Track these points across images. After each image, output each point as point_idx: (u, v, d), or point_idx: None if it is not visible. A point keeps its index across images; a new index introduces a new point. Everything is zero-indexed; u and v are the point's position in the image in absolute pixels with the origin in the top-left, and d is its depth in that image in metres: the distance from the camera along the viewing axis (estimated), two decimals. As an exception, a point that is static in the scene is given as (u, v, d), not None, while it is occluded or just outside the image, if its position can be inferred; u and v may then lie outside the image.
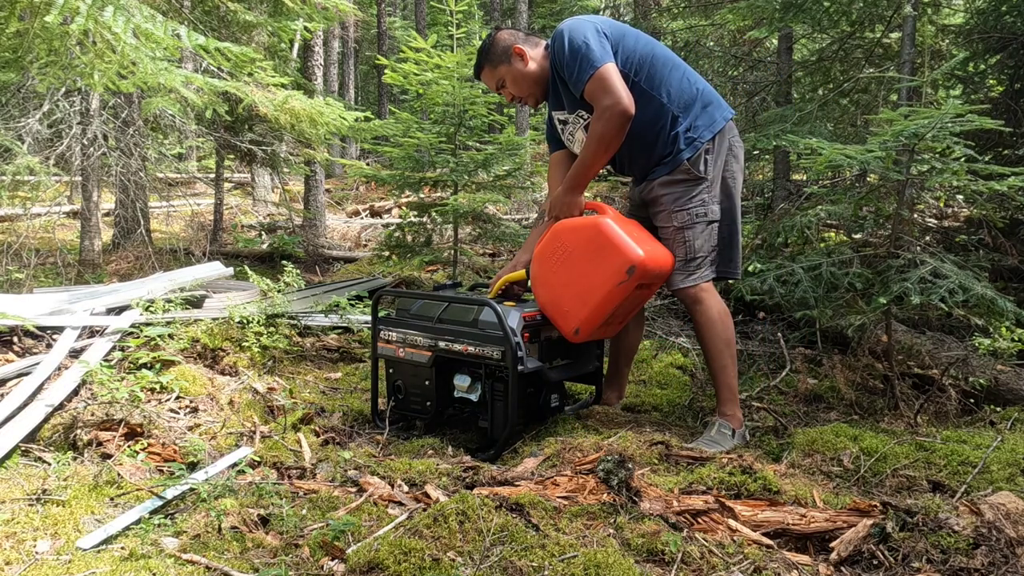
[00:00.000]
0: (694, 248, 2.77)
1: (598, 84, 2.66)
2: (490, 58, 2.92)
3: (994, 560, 1.76)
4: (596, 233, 2.70)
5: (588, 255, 2.71)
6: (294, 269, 4.28)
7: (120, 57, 3.14)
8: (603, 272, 2.67)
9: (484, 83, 3.04)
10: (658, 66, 2.78)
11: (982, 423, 2.93)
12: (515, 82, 2.92)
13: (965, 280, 2.87)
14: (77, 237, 6.69)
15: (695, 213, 2.77)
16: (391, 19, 20.91)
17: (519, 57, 2.89)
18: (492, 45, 2.92)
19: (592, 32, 2.72)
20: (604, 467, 2.18)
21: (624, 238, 2.66)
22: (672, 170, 2.78)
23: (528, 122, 10.96)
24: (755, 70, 7.13)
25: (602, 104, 2.67)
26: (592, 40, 2.69)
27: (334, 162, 10.18)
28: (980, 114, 2.79)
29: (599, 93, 2.67)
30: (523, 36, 2.94)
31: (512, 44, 2.89)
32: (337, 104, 5.59)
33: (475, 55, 3.01)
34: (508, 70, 2.90)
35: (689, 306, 2.84)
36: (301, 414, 3.07)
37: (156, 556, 1.94)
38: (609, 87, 2.65)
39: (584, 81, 2.68)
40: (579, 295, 2.72)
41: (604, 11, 14.85)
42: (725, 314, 2.80)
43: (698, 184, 2.77)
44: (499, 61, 2.91)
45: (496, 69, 2.92)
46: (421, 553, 1.82)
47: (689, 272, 2.78)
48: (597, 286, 2.68)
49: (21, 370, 3.22)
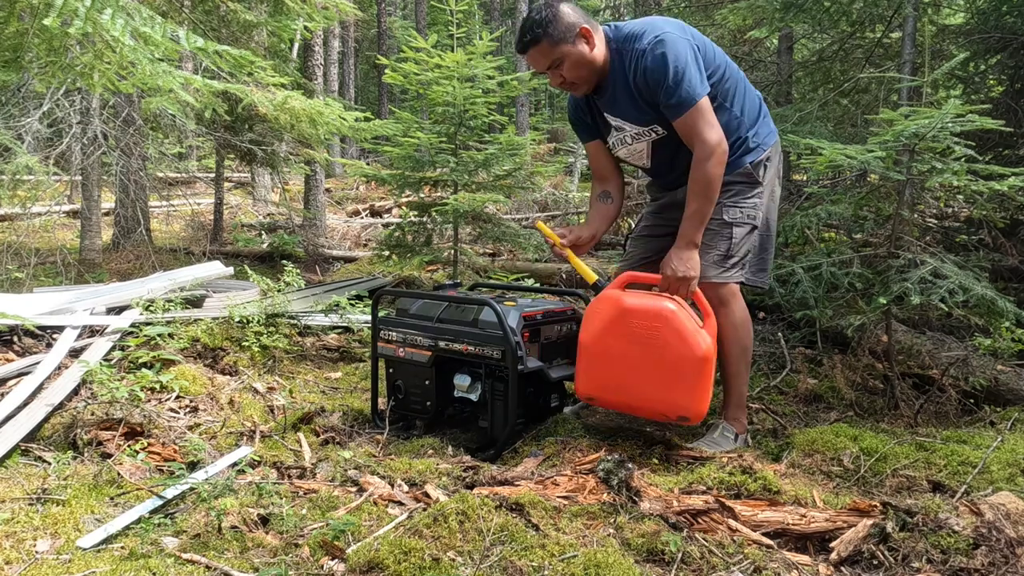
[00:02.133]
0: (737, 246, 2.71)
1: (699, 118, 2.53)
2: (551, 33, 2.58)
3: (994, 560, 1.76)
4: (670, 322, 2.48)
5: (664, 346, 2.46)
6: (294, 269, 4.28)
7: (119, 58, 3.14)
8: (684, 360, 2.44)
9: (530, 60, 2.69)
10: (732, 77, 2.69)
11: (982, 423, 2.93)
12: (575, 65, 2.62)
13: (965, 280, 2.87)
14: (77, 236, 6.69)
15: (747, 214, 2.72)
16: (391, 19, 20.92)
17: (585, 39, 2.60)
18: (555, 19, 2.58)
19: (691, 54, 2.54)
20: (604, 467, 2.18)
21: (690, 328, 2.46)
22: (734, 171, 2.70)
23: (528, 122, 10.97)
24: (755, 70, 7.12)
25: (707, 142, 2.53)
26: (692, 64, 2.52)
27: (334, 162, 10.19)
28: (980, 114, 2.79)
29: (701, 128, 2.53)
30: (586, 16, 2.66)
31: (579, 23, 2.59)
32: (337, 104, 5.59)
33: (523, 25, 2.66)
34: (571, 50, 2.60)
35: (715, 307, 2.71)
36: (301, 414, 3.07)
37: (156, 555, 1.94)
38: (711, 122, 2.54)
39: (684, 110, 2.53)
40: (665, 381, 2.46)
41: (604, 11, 14.84)
42: (747, 321, 2.75)
43: (754, 187, 2.73)
44: (562, 38, 2.58)
45: (557, 47, 2.59)
46: (421, 553, 1.82)
47: (724, 268, 2.70)
48: (688, 372, 2.44)
49: (21, 370, 3.22)
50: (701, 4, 7.02)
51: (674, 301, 2.50)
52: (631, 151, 2.82)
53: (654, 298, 2.54)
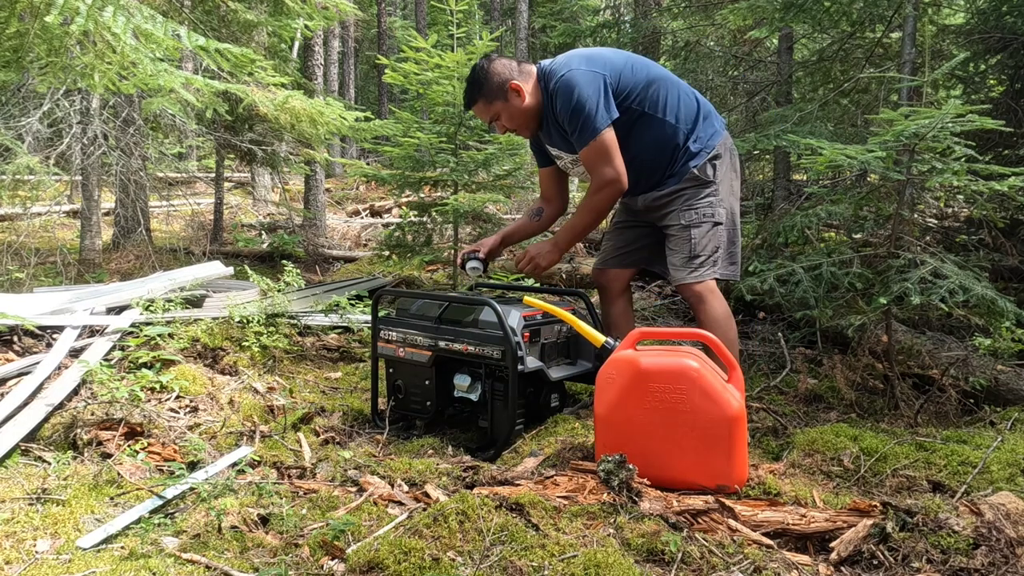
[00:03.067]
0: (699, 246, 2.80)
1: (597, 153, 2.70)
2: (484, 93, 2.83)
3: (994, 560, 1.76)
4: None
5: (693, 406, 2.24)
6: (294, 269, 4.28)
7: (120, 58, 3.14)
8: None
9: (476, 115, 2.96)
10: (660, 89, 2.79)
11: (982, 423, 2.92)
12: (511, 118, 2.86)
13: (965, 280, 2.87)
14: (77, 236, 6.69)
15: (702, 213, 2.81)
16: (391, 19, 20.92)
17: (516, 93, 2.81)
18: (487, 79, 2.81)
19: (599, 86, 2.68)
20: (604, 467, 2.18)
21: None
22: (681, 179, 2.82)
23: (528, 122, 10.95)
24: (755, 70, 7.12)
25: (602, 177, 2.72)
26: (595, 98, 2.66)
27: (334, 162, 10.19)
28: (981, 114, 2.79)
29: (598, 163, 2.71)
30: (516, 67, 2.84)
31: (508, 79, 2.80)
32: (337, 104, 5.59)
33: (466, 86, 2.89)
34: (504, 106, 2.83)
35: (693, 304, 2.85)
36: (301, 414, 3.07)
37: (156, 555, 1.94)
38: (608, 158, 2.70)
39: (584, 144, 2.71)
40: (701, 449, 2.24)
41: (604, 11, 14.83)
42: (729, 315, 2.81)
43: (706, 187, 2.82)
44: (494, 96, 2.82)
45: (491, 104, 2.84)
46: (421, 553, 1.82)
47: (692, 268, 2.81)
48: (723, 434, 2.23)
49: (21, 369, 3.22)
50: (701, 4, 7.02)
51: (695, 357, 2.30)
52: (577, 173, 2.97)
53: (672, 355, 2.32)
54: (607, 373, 2.35)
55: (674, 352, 2.37)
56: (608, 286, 3.12)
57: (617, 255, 3.11)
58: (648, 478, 2.20)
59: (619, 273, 3.10)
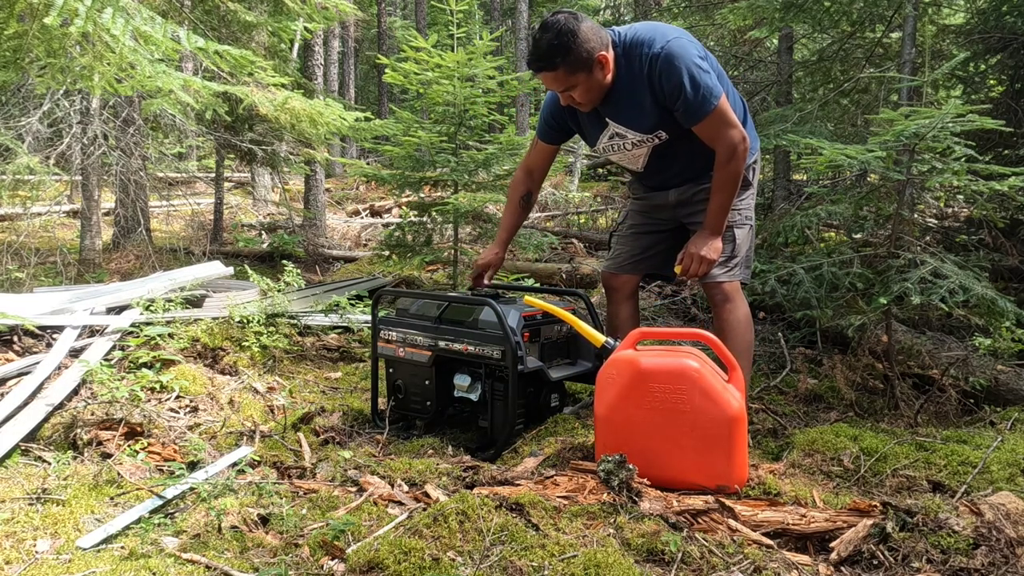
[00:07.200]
0: (739, 246, 2.78)
1: (721, 119, 2.51)
2: (569, 61, 2.44)
3: (994, 560, 1.76)
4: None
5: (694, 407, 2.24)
6: (294, 269, 4.28)
7: (119, 59, 3.14)
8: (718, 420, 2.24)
9: (543, 81, 2.56)
10: (723, 81, 2.65)
11: (982, 423, 2.93)
12: (587, 92, 2.54)
13: (965, 280, 2.87)
14: (77, 236, 6.69)
15: (744, 215, 2.80)
16: (391, 19, 20.92)
17: (602, 66, 2.49)
18: (575, 45, 2.42)
19: (700, 59, 2.50)
20: (604, 467, 2.18)
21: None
22: None
23: (528, 122, 10.97)
24: (755, 70, 7.12)
25: (731, 141, 2.53)
26: (704, 68, 2.48)
27: (334, 162, 10.19)
28: (981, 114, 2.79)
29: (723, 129, 2.52)
30: (603, 35, 2.49)
31: (598, 49, 2.46)
32: (337, 104, 5.59)
33: (538, 43, 2.47)
34: (587, 79, 2.50)
35: (718, 304, 2.78)
36: (301, 414, 3.07)
37: (156, 555, 1.94)
38: (732, 120, 2.53)
39: (706, 114, 2.49)
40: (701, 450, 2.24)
41: (604, 11, 14.84)
42: (750, 318, 2.79)
43: (747, 189, 2.79)
44: (580, 67, 2.46)
45: (573, 75, 2.48)
46: (421, 553, 1.82)
47: (728, 268, 2.77)
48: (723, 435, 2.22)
49: (21, 369, 3.22)
50: (701, 4, 7.02)
51: (695, 357, 2.29)
52: (626, 156, 2.79)
53: (672, 355, 2.32)
54: (607, 373, 2.35)
55: (674, 352, 2.37)
56: (619, 289, 3.05)
57: (632, 261, 3.01)
58: (648, 478, 2.20)
59: (631, 278, 3.05)
